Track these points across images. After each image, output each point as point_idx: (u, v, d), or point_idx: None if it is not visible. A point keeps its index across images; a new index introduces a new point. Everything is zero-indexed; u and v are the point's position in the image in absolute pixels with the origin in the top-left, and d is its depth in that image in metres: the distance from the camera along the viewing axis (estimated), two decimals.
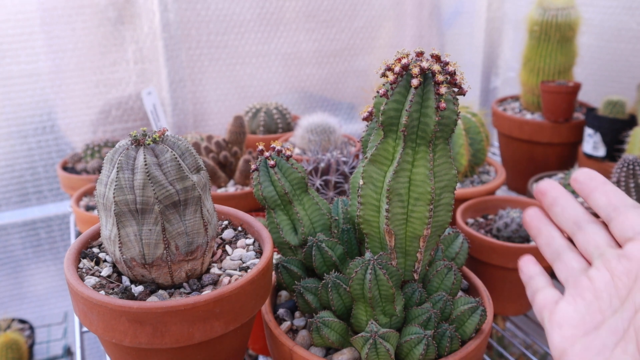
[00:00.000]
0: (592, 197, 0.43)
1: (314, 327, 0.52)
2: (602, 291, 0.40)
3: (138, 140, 0.48)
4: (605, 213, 0.42)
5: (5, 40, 1.14)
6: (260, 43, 1.36)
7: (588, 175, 0.44)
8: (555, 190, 0.46)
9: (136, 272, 0.50)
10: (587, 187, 0.44)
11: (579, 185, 0.44)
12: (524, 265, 0.48)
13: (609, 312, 0.39)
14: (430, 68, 0.46)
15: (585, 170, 0.44)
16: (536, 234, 0.47)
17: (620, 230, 0.41)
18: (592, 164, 1.14)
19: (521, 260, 0.49)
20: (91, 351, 1.28)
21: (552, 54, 1.20)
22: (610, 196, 0.42)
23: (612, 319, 0.38)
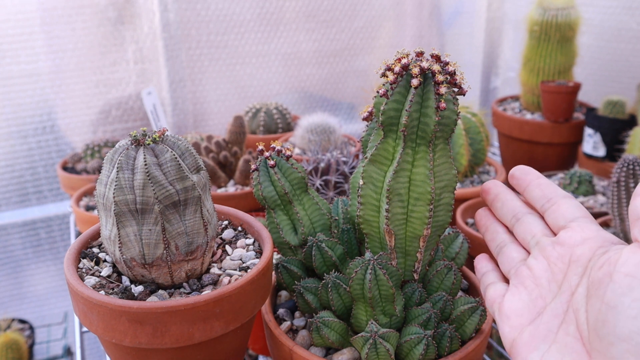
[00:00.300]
0: (527, 191, 0.46)
1: (314, 327, 0.52)
2: (541, 278, 0.42)
3: (138, 140, 0.48)
4: (540, 204, 0.45)
5: (5, 40, 1.14)
6: (260, 43, 1.36)
7: (523, 171, 0.47)
8: (497, 187, 0.49)
9: (136, 272, 0.50)
10: (523, 182, 0.46)
11: (515, 180, 0.47)
12: (477, 263, 0.50)
13: (549, 297, 0.41)
14: (430, 68, 0.46)
15: (520, 167, 0.47)
16: (484, 230, 0.50)
17: (554, 219, 0.43)
18: (592, 164, 1.14)
19: (476, 258, 0.51)
20: (91, 351, 1.28)
21: (552, 54, 1.20)
22: (544, 188, 0.45)
23: (553, 304, 0.40)
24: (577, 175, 1.01)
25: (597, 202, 0.99)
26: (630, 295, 0.33)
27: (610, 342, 0.34)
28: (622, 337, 0.33)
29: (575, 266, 0.40)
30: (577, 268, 0.39)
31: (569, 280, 0.39)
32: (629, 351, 0.33)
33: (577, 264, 0.39)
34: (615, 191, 0.82)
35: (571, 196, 0.44)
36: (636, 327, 0.33)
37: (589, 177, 1.01)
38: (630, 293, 0.33)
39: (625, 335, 0.33)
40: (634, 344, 0.33)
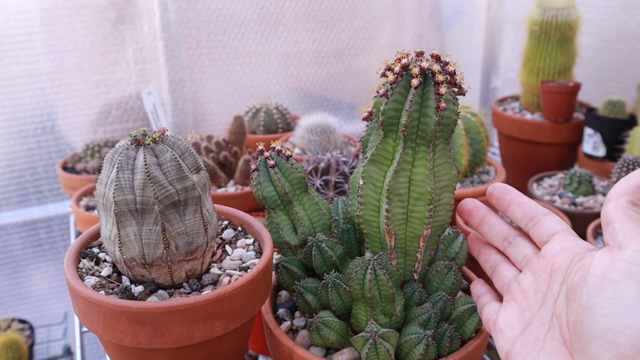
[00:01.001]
0: (509, 210, 0.48)
1: (314, 327, 0.52)
2: (528, 290, 0.44)
3: (138, 140, 0.48)
4: (524, 224, 0.47)
5: (5, 41, 1.14)
6: (260, 43, 1.36)
7: (502, 190, 0.49)
8: (479, 210, 0.51)
9: (136, 272, 0.50)
10: (503, 201, 0.48)
11: (495, 200, 0.49)
12: (473, 287, 0.53)
13: (536, 308, 0.43)
14: (430, 68, 0.46)
15: (499, 186, 0.49)
16: (477, 254, 0.53)
17: (538, 236, 0.46)
18: (592, 164, 1.14)
19: (472, 284, 0.53)
20: (91, 351, 1.28)
21: (552, 54, 1.20)
22: (525, 207, 0.47)
23: (539, 313, 0.42)
24: (577, 175, 1.01)
25: (597, 202, 0.99)
26: (601, 296, 0.36)
27: (587, 341, 0.36)
28: (597, 335, 0.35)
29: (556, 275, 0.42)
30: (558, 276, 0.42)
31: (552, 289, 0.42)
32: (604, 347, 0.35)
33: (557, 272, 0.42)
34: None
35: (551, 212, 0.47)
36: (607, 325, 0.35)
37: (589, 177, 1.01)
38: (601, 294, 0.36)
39: (599, 332, 0.35)
40: (607, 341, 0.35)
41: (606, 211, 0.39)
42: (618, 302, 0.35)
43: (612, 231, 0.38)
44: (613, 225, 0.38)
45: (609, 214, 0.39)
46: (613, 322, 0.35)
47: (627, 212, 0.38)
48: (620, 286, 0.35)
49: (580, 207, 0.98)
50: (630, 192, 0.39)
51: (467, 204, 0.52)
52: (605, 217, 0.39)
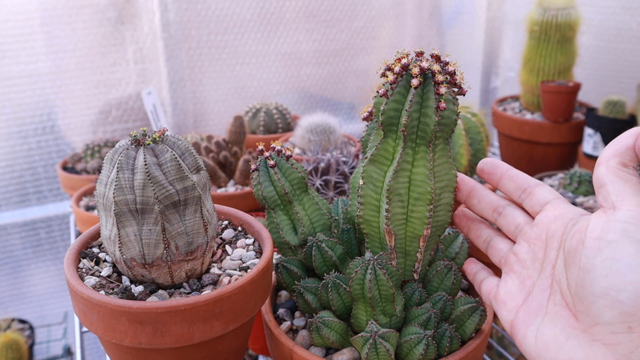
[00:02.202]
0: (501, 184, 0.49)
1: (314, 327, 0.52)
2: (525, 260, 0.45)
3: (138, 140, 0.48)
4: (517, 196, 0.48)
5: (5, 41, 1.14)
6: (260, 43, 1.36)
7: (492, 165, 0.49)
8: (466, 183, 0.50)
9: (136, 272, 0.50)
10: (494, 176, 0.49)
11: (486, 175, 0.49)
12: (467, 266, 0.54)
13: (535, 276, 0.44)
14: (430, 68, 0.46)
15: (488, 161, 0.49)
16: (467, 230, 0.53)
17: (532, 207, 0.46)
18: (592, 164, 1.14)
19: (465, 263, 0.54)
20: (91, 351, 1.28)
21: (552, 54, 1.20)
22: (516, 180, 0.48)
23: (539, 280, 0.43)
24: (577, 175, 1.01)
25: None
26: (600, 256, 0.37)
27: (590, 302, 0.37)
28: (599, 295, 0.36)
29: (552, 241, 0.43)
30: (554, 243, 0.43)
31: (549, 255, 0.43)
32: (607, 306, 0.36)
33: (553, 239, 0.43)
34: None
35: (543, 183, 0.47)
36: (608, 284, 0.36)
37: (589, 177, 1.01)
38: (599, 254, 0.37)
39: (601, 292, 0.36)
40: (609, 299, 0.36)
41: (598, 174, 0.40)
42: (617, 261, 0.36)
43: (605, 193, 0.39)
44: (606, 187, 0.39)
45: (601, 177, 0.39)
46: (614, 280, 0.36)
47: (618, 174, 0.39)
48: (618, 245, 0.36)
49: (580, 207, 0.98)
50: (620, 154, 0.39)
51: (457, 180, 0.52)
52: (598, 180, 0.40)
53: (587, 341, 0.38)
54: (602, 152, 0.41)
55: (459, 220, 0.54)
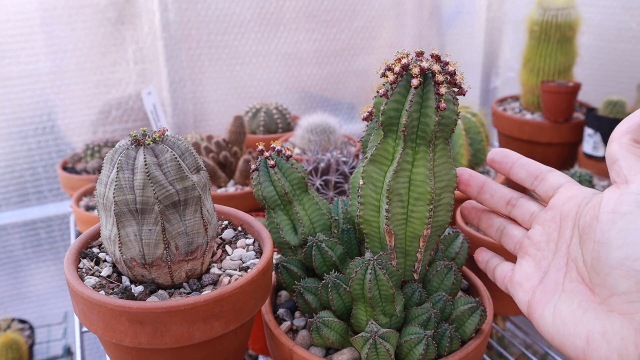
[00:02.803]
0: (512, 172, 0.49)
1: (314, 327, 0.52)
2: (539, 242, 0.46)
3: (138, 140, 0.48)
4: (529, 183, 0.49)
5: (5, 41, 1.14)
6: (260, 43, 1.36)
7: (503, 154, 0.50)
8: (476, 178, 0.51)
9: (136, 272, 0.50)
10: (506, 165, 0.50)
11: (497, 165, 0.50)
12: (478, 255, 0.54)
13: (551, 256, 0.45)
14: (430, 68, 0.46)
15: (498, 150, 0.50)
16: (477, 221, 0.53)
17: (545, 192, 0.47)
18: (592, 164, 1.14)
19: (475, 253, 0.54)
20: (91, 351, 1.28)
21: (552, 54, 1.20)
22: (528, 167, 0.49)
23: (554, 260, 0.44)
24: (577, 175, 1.01)
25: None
26: (615, 228, 0.38)
27: (606, 274, 0.38)
28: (614, 266, 0.37)
29: (566, 222, 0.44)
30: (568, 222, 0.44)
31: (563, 235, 0.44)
32: (622, 276, 0.37)
33: (567, 219, 0.44)
34: None
35: (554, 169, 0.48)
36: (624, 254, 0.37)
37: (589, 177, 1.01)
38: (614, 227, 0.38)
39: (616, 263, 0.37)
40: (625, 269, 0.37)
41: (610, 151, 0.41)
42: (631, 232, 0.37)
43: (617, 169, 0.40)
44: (618, 163, 0.40)
45: (614, 153, 0.40)
46: (629, 250, 0.36)
47: (631, 150, 0.40)
48: (632, 217, 0.37)
49: None
50: (632, 131, 0.41)
51: (462, 174, 0.52)
52: (610, 157, 0.41)
53: (604, 313, 0.39)
54: (614, 130, 0.42)
55: (467, 213, 0.54)
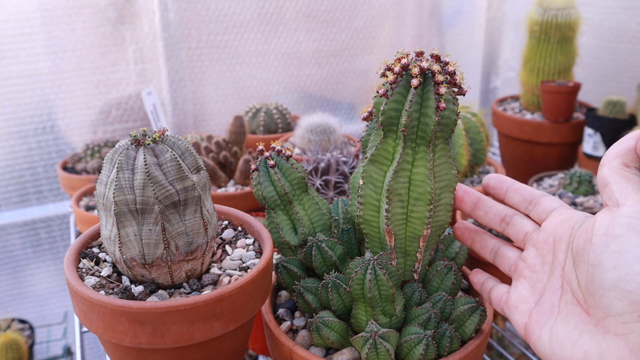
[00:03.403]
0: (507, 197, 0.51)
1: (314, 327, 0.52)
2: (534, 265, 0.47)
3: (138, 140, 0.48)
4: (524, 207, 0.50)
5: (5, 40, 1.14)
6: (260, 43, 1.36)
7: (497, 180, 0.51)
8: (470, 195, 0.52)
9: (136, 272, 0.50)
10: (500, 190, 0.51)
11: (492, 190, 0.52)
12: (474, 276, 0.55)
13: (546, 278, 0.46)
14: (430, 68, 0.46)
15: (493, 176, 0.52)
16: (471, 242, 0.54)
17: (538, 216, 0.48)
18: (592, 164, 1.14)
19: (471, 274, 0.55)
20: (91, 351, 1.28)
21: (552, 54, 1.20)
22: (522, 192, 0.50)
23: (550, 282, 0.45)
24: (577, 175, 1.01)
25: (597, 202, 0.99)
26: (607, 251, 0.38)
27: (600, 295, 0.39)
28: (608, 287, 0.38)
29: (559, 244, 0.45)
30: (561, 245, 0.45)
31: (557, 258, 0.45)
32: (617, 297, 0.37)
33: (561, 241, 0.45)
34: None
35: (548, 194, 0.50)
36: (617, 276, 0.37)
37: (589, 177, 1.01)
38: (607, 249, 0.39)
39: (610, 285, 0.38)
40: (619, 291, 0.37)
41: (601, 174, 0.42)
42: (624, 254, 0.37)
43: (609, 192, 0.41)
44: (609, 186, 0.41)
45: (605, 177, 0.41)
46: (622, 272, 0.37)
47: (621, 173, 0.41)
48: (624, 239, 0.38)
49: (580, 207, 0.98)
50: (622, 155, 0.41)
51: (457, 191, 0.53)
52: (602, 180, 0.42)
53: (600, 334, 0.39)
54: (604, 154, 0.42)
55: (460, 234, 0.55)
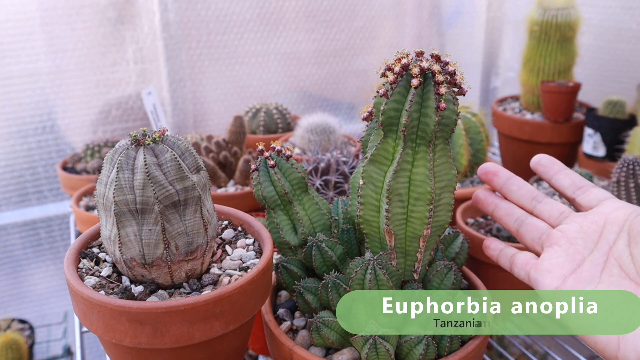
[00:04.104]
0: (556, 178, 0.52)
1: (314, 327, 0.52)
2: (575, 238, 0.48)
3: (138, 140, 0.48)
4: (571, 191, 0.51)
5: (5, 40, 1.14)
6: (260, 43, 1.36)
7: (550, 160, 0.53)
8: (504, 171, 0.53)
9: (136, 272, 0.50)
10: (551, 170, 0.53)
11: (542, 167, 0.53)
12: (491, 243, 0.55)
13: (586, 252, 0.47)
14: (430, 68, 0.46)
15: (546, 156, 0.53)
16: (494, 208, 0.54)
17: (587, 201, 0.50)
18: (592, 164, 1.14)
19: (485, 241, 0.55)
20: (91, 351, 1.28)
21: (552, 54, 1.20)
22: (573, 177, 0.52)
23: (591, 256, 0.47)
24: None
25: None
26: None
27: None
28: None
29: (612, 226, 0.47)
30: (614, 227, 0.47)
31: (606, 237, 0.47)
32: None
33: (614, 224, 0.47)
34: (616, 191, 0.82)
35: (597, 185, 0.51)
36: None
37: (589, 177, 1.01)
38: None
39: None
40: None
41: None
42: None
43: None
44: None
45: None
46: None
47: None
48: None
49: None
50: None
51: (490, 167, 0.54)
52: None
53: None
54: None
55: (484, 198, 0.55)
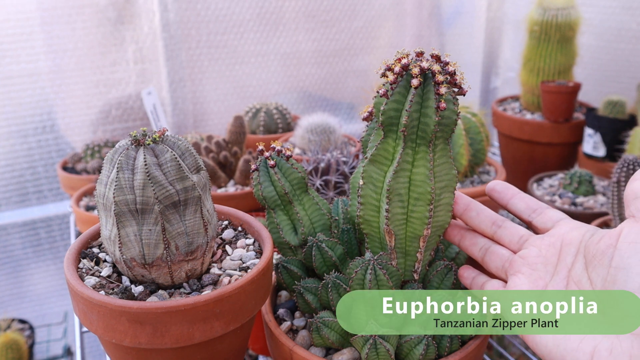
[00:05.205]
0: (511, 203, 0.52)
1: (314, 327, 0.52)
2: (535, 263, 0.48)
3: (138, 140, 0.48)
4: (527, 214, 0.52)
5: (5, 40, 1.14)
6: (260, 43, 1.36)
7: (504, 186, 0.53)
8: (462, 198, 0.54)
9: (136, 272, 0.50)
10: (505, 195, 0.53)
11: (497, 194, 0.53)
12: (464, 272, 0.55)
13: (547, 278, 0.47)
14: (430, 68, 0.46)
15: (499, 182, 0.54)
16: (460, 238, 0.55)
17: (543, 223, 0.50)
18: (592, 164, 1.14)
19: (460, 269, 0.55)
20: (91, 351, 1.28)
21: (552, 54, 1.20)
22: (527, 201, 0.52)
23: (552, 281, 0.47)
24: (577, 175, 1.01)
25: (597, 202, 0.99)
26: (636, 257, 0.41)
27: None
28: (634, 289, 0.40)
29: (568, 248, 0.47)
30: (570, 248, 0.47)
31: (564, 260, 0.47)
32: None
33: (570, 246, 0.47)
34: (616, 191, 0.82)
35: (551, 207, 0.52)
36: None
37: (589, 177, 1.01)
38: (636, 255, 0.41)
39: (636, 288, 0.40)
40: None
41: (633, 188, 0.44)
42: None
43: (638, 204, 0.43)
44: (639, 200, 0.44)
45: (636, 190, 0.44)
46: None
47: None
48: None
49: (580, 207, 0.98)
50: None
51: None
52: (632, 193, 0.44)
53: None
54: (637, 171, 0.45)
55: (450, 229, 0.55)
